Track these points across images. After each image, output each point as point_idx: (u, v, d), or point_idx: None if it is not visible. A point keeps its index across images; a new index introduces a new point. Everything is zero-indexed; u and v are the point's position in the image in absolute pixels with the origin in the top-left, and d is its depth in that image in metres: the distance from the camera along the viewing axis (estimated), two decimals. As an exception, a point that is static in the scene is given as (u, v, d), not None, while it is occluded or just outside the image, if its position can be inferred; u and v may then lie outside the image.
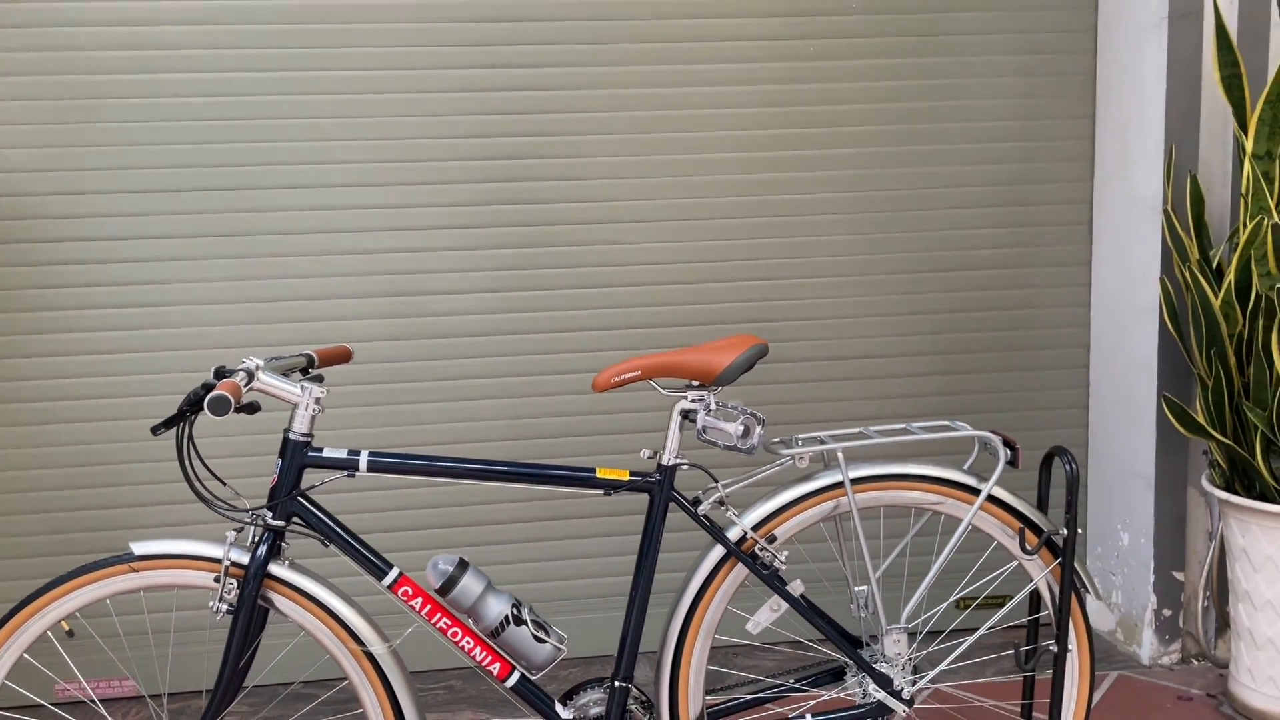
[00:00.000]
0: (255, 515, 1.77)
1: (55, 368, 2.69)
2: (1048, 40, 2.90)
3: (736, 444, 1.81)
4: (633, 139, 2.80)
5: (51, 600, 1.74)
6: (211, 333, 2.73)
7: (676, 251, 2.85)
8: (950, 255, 2.94)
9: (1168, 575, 2.78)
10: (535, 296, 2.82)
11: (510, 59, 2.74)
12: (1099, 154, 2.93)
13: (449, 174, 2.76)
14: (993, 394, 2.99)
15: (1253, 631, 2.49)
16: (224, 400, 1.54)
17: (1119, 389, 2.88)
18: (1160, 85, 2.66)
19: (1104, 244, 2.92)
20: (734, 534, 1.86)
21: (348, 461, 1.77)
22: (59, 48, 2.60)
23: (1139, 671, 2.78)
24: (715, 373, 1.80)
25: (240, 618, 1.76)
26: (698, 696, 1.89)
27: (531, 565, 2.89)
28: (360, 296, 2.76)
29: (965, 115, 2.91)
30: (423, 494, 2.82)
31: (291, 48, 2.67)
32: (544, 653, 1.83)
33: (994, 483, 1.88)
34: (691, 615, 1.87)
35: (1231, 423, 2.49)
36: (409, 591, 1.81)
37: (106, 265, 2.68)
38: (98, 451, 2.72)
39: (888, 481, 1.88)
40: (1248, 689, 2.52)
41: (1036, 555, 1.92)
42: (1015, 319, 2.99)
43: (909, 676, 1.89)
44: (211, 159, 2.68)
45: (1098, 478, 2.99)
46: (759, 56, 2.81)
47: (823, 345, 2.92)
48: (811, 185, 2.87)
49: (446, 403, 2.82)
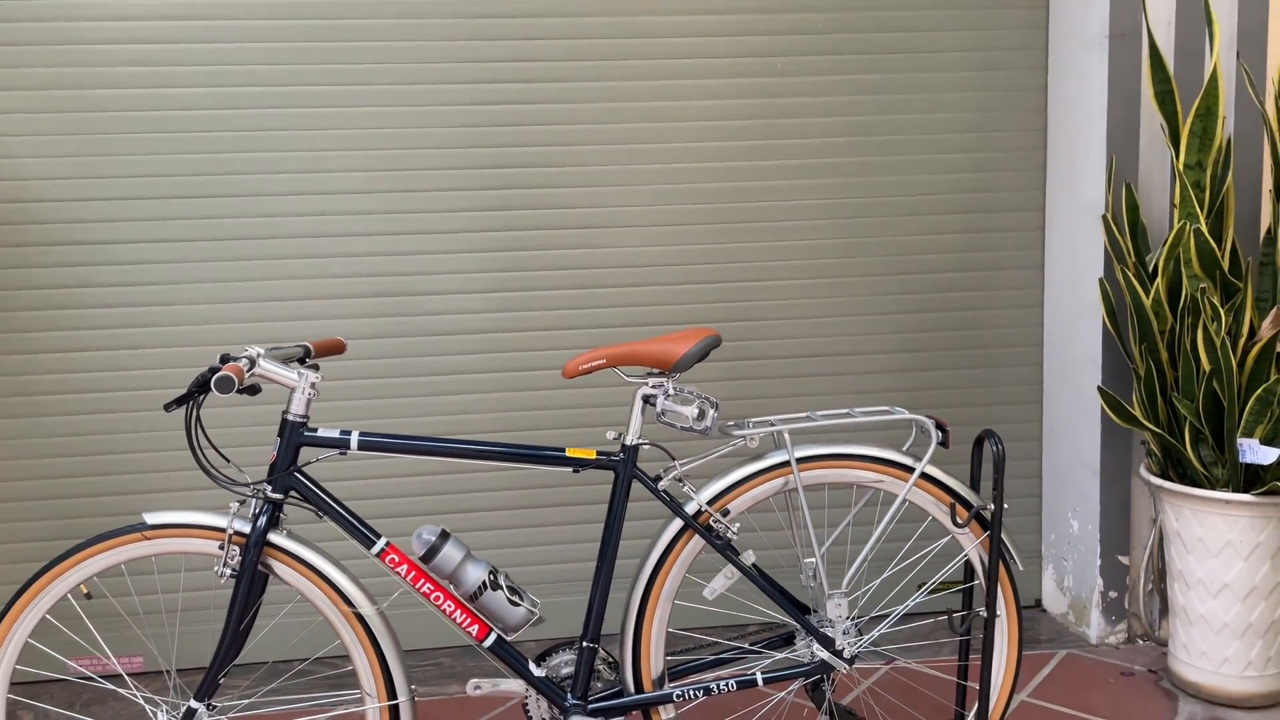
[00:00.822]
0: (256, 489, 1.94)
1: (71, 361, 2.87)
2: (1002, 58, 3.08)
3: (692, 425, 1.99)
4: (613, 148, 2.98)
5: (72, 565, 1.92)
6: (214, 328, 2.91)
7: (651, 254, 3.03)
8: (910, 259, 3.11)
9: (1113, 559, 2.95)
10: (518, 296, 3.00)
11: (497, 74, 2.92)
12: (1050, 164, 3.10)
13: (435, 181, 2.94)
14: (952, 389, 3.16)
15: (1187, 609, 2.66)
16: (229, 380, 1.73)
17: (1067, 383, 3.05)
18: (1103, 100, 2.83)
19: (1054, 248, 3.10)
20: (691, 508, 2.04)
21: (340, 440, 1.95)
22: (69, 63, 2.79)
23: (1087, 650, 2.94)
24: (672, 361, 1.98)
25: (242, 582, 1.93)
26: (659, 657, 2.07)
27: (512, 550, 3.07)
28: (353, 296, 2.94)
29: (925, 127, 3.08)
30: (408, 471, 3.01)
31: (286, 59, 2.85)
32: (518, 615, 2.00)
33: (926, 461, 2.06)
34: (653, 582, 2.05)
35: (1165, 414, 2.66)
36: (395, 559, 1.98)
37: (118, 266, 2.86)
38: (113, 437, 2.90)
39: (830, 460, 2.06)
40: (1184, 664, 2.68)
41: (967, 528, 2.09)
42: (973, 318, 3.16)
43: (851, 639, 2.07)
44: (213, 167, 2.86)
45: (1050, 468, 3.16)
46: (732, 73, 2.99)
47: (788, 343, 3.09)
48: (779, 194, 3.05)
49: (435, 395, 3.00)
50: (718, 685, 2.06)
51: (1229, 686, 2.60)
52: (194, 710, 1.95)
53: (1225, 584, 2.56)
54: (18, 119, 2.78)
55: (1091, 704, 2.62)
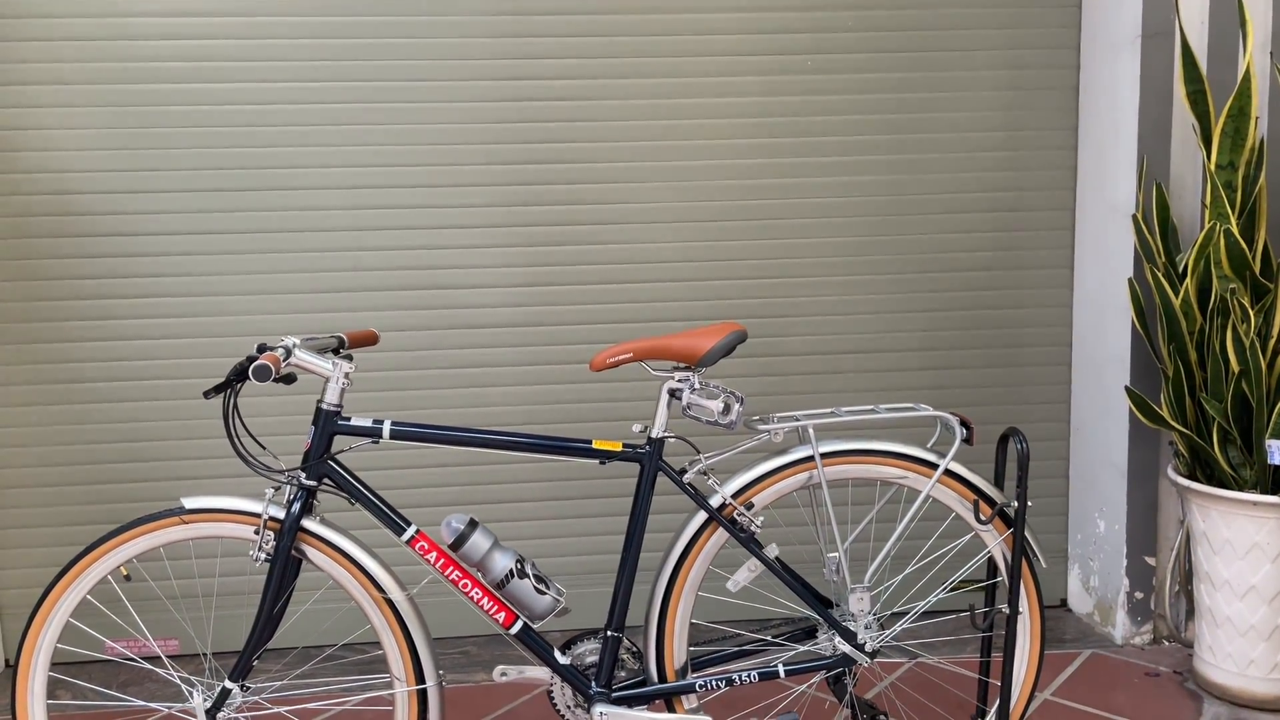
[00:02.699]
0: (291, 476, 1.98)
1: (112, 350, 2.94)
2: (1033, 56, 3.07)
3: (718, 419, 2.01)
4: (642, 144, 3.01)
5: (113, 547, 1.97)
6: (251, 318, 2.96)
7: (679, 249, 3.05)
8: (939, 257, 3.12)
9: (1140, 560, 2.94)
10: (547, 289, 3.03)
11: (531, 71, 2.96)
12: (1080, 164, 3.10)
13: (468, 177, 2.98)
14: (979, 388, 3.16)
15: (1213, 611, 2.65)
16: (266, 369, 1.77)
17: (1096, 383, 3.05)
18: (1134, 100, 2.83)
19: (1083, 247, 3.09)
20: (715, 501, 2.06)
21: (373, 429, 1.99)
22: (111, 57, 2.85)
23: (1112, 650, 2.94)
24: (699, 355, 2.00)
25: (276, 567, 1.97)
26: (682, 647, 2.09)
27: (535, 525, 3.12)
28: (387, 289, 2.99)
29: (955, 125, 3.08)
30: (438, 461, 3.05)
31: (326, 54, 2.90)
32: (544, 603, 2.04)
33: (951, 458, 2.07)
34: (676, 574, 2.07)
35: (1193, 415, 2.65)
36: (425, 546, 2.02)
37: (158, 258, 2.92)
38: (147, 423, 2.97)
39: (855, 456, 2.08)
40: (1209, 665, 2.68)
41: (990, 526, 2.10)
42: (1001, 317, 3.16)
43: (872, 632, 2.08)
44: (252, 160, 2.92)
45: (1077, 467, 3.15)
46: (762, 70, 3.01)
47: (813, 339, 3.11)
48: (807, 190, 3.06)
49: (465, 386, 3.04)
50: (740, 676, 2.08)
51: (1254, 689, 2.59)
52: (228, 690, 1.99)
53: (1252, 585, 2.56)
54: (60, 112, 2.85)
55: (1115, 704, 2.62)
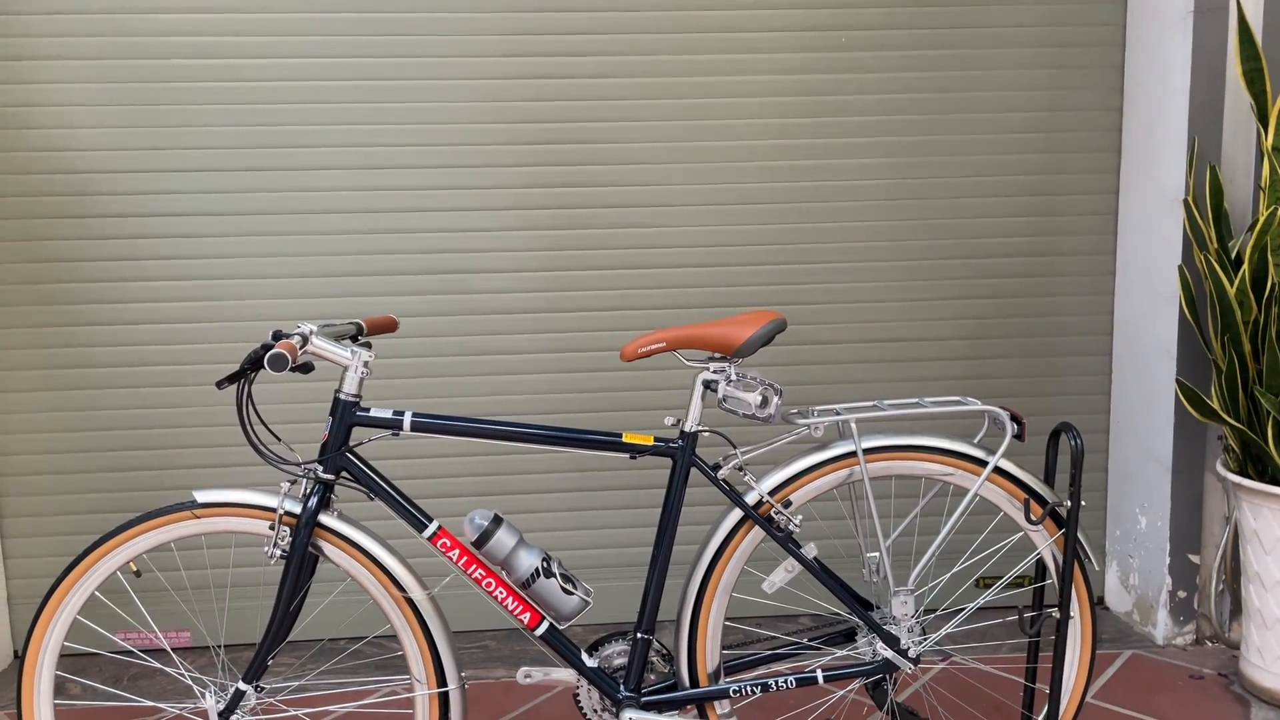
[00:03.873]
0: (307, 469, 1.90)
1: (124, 335, 2.86)
2: (1077, 34, 2.96)
3: (755, 413, 1.91)
4: (666, 125, 2.91)
5: (122, 542, 1.89)
6: (267, 303, 2.88)
7: (708, 234, 2.95)
8: (976, 243, 3.01)
9: (1183, 558, 2.84)
10: (573, 276, 2.94)
11: (550, 51, 2.86)
12: (1125, 146, 2.98)
13: (490, 158, 2.89)
14: (1017, 378, 3.07)
15: (1262, 612, 2.55)
16: (282, 358, 1.68)
17: (1139, 375, 2.94)
18: (1185, 79, 2.71)
19: (1128, 233, 2.98)
20: (751, 498, 1.97)
21: (393, 421, 1.90)
22: (127, 33, 2.76)
23: (1153, 651, 2.84)
24: (735, 345, 1.90)
25: (292, 563, 1.89)
26: (715, 650, 2.00)
27: (564, 533, 3.02)
28: (406, 273, 2.90)
29: (994, 106, 2.97)
30: (463, 455, 2.97)
31: (345, 32, 2.81)
32: (571, 603, 1.95)
33: (1000, 455, 1.97)
34: (710, 574, 1.98)
35: (1245, 408, 2.55)
36: (447, 544, 1.94)
37: (172, 240, 2.84)
38: (166, 414, 2.90)
39: (899, 452, 1.97)
40: (1257, 668, 2.58)
41: (1041, 526, 2.00)
42: (1040, 305, 3.05)
43: (916, 637, 1.99)
44: (269, 141, 2.83)
45: (1118, 461, 3.05)
46: (790, 46, 2.90)
47: (848, 328, 3.01)
48: (839, 172, 2.96)
49: (488, 375, 2.96)
50: (776, 682, 1.99)
51: (1307, 694, 2.50)
52: (242, 692, 1.91)
53: (1305, 587, 2.46)
54: (75, 89, 2.76)
55: (1159, 708, 2.53)
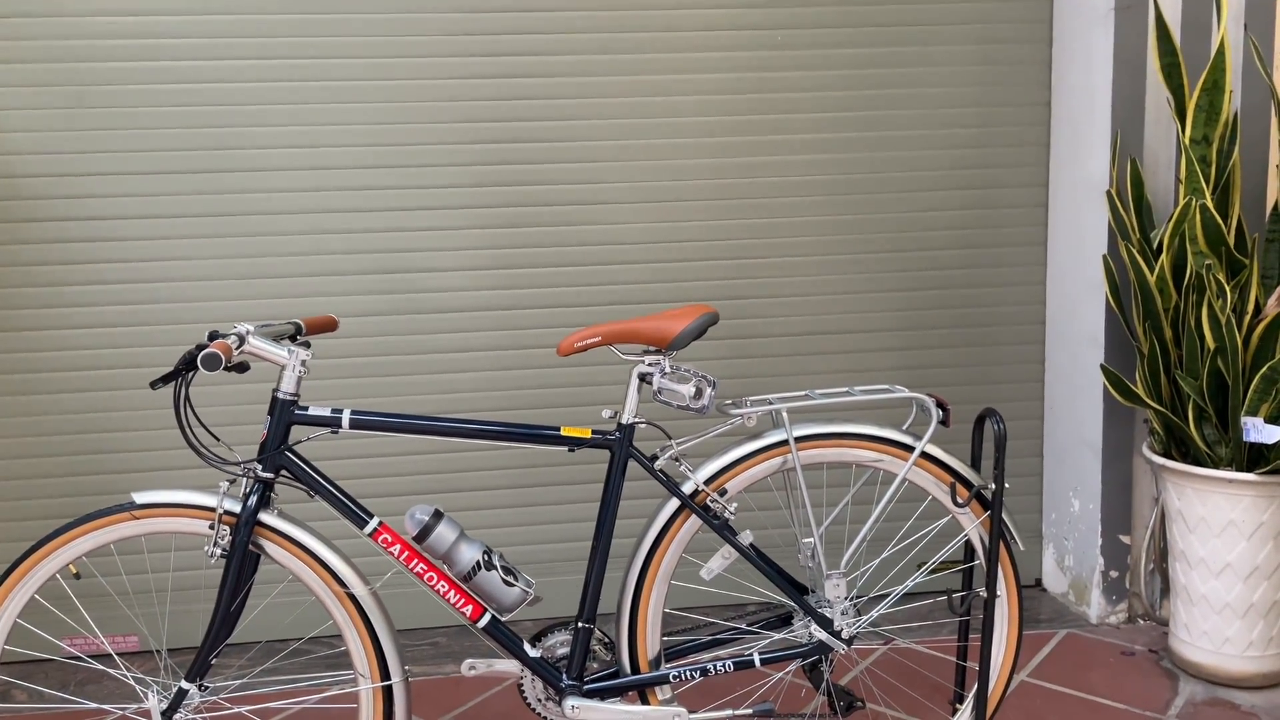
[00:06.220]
0: (246, 468, 1.91)
1: (59, 338, 2.83)
2: (1006, 30, 3.02)
3: (689, 404, 1.96)
4: (606, 124, 2.94)
5: (61, 544, 1.89)
6: (205, 304, 2.87)
7: (647, 230, 2.98)
8: (912, 236, 3.07)
9: (1114, 539, 2.93)
10: (514, 274, 2.96)
11: (494, 47, 2.87)
12: (1053, 139, 3.06)
13: (430, 157, 2.90)
14: (954, 368, 3.13)
15: (1188, 589, 2.63)
16: (215, 357, 1.69)
17: (1070, 361, 3.02)
18: (1108, 74, 2.78)
19: (1057, 225, 3.06)
20: (688, 488, 2.01)
21: (331, 419, 1.92)
22: (59, 35, 2.74)
23: (1087, 630, 2.92)
24: (669, 338, 1.94)
25: (233, 563, 1.90)
26: (655, 637, 2.04)
27: (506, 529, 3.05)
28: (346, 273, 2.90)
29: (927, 101, 3.03)
30: (401, 450, 2.98)
31: (282, 33, 2.81)
32: (512, 595, 1.98)
33: (927, 440, 2.03)
34: (649, 562, 2.02)
35: (1168, 392, 2.63)
36: (388, 539, 1.96)
37: (112, 243, 2.82)
38: (103, 416, 2.86)
39: (830, 440, 2.03)
40: (1185, 643, 2.67)
41: (968, 508, 2.07)
42: (975, 296, 3.12)
43: (849, 619, 2.04)
44: (204, 140, 2.82)
45: (1052, 447, 3.13)
46: (730, 45, 2.94)
47: (787, 321, 3.06)
48: (777, 168, 3.01)
49: (429, 373, 2.97)
50: (715, 666, 2.03)
51: (1230, 666, 2.58)
52: (185, 691, 1.92)
53: (1228, 563, 2.54)
54: (5, 92, 2.74)
55: (1092, 684, 2.60)
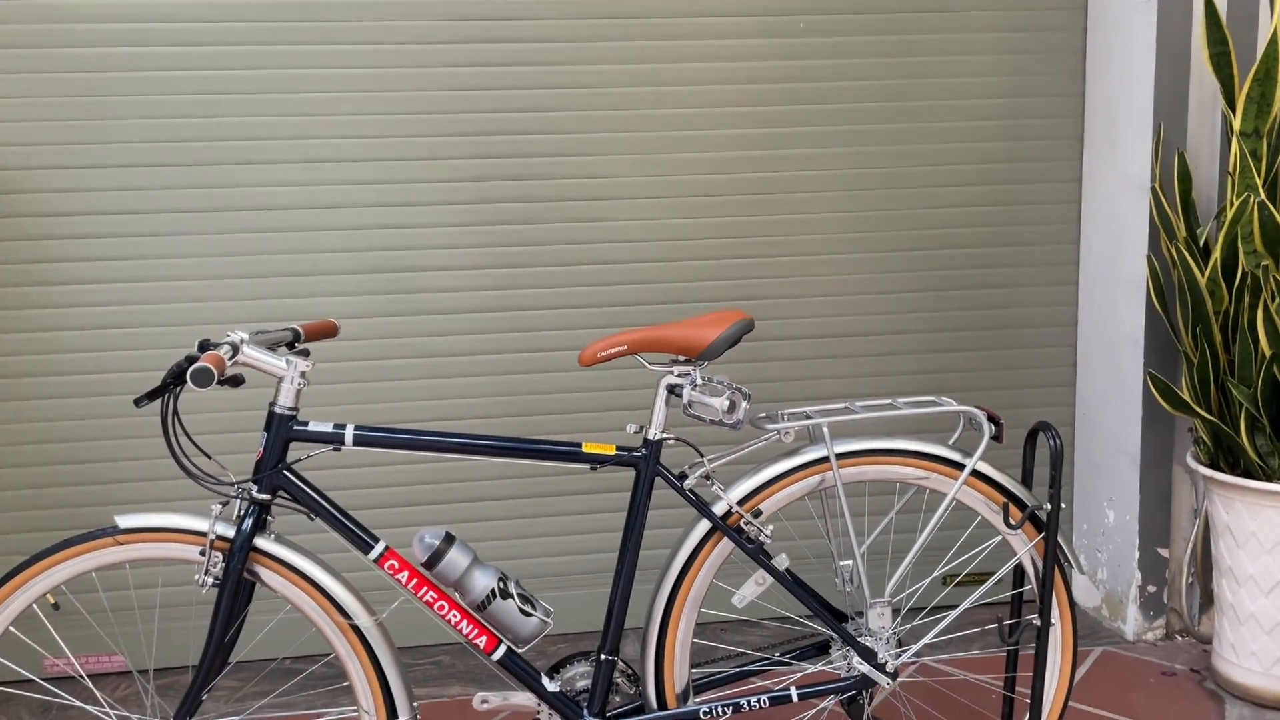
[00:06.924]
0: (240, 489, 1.76)
1: (42, 343, 2.68)
2: (1038, 18, 2.89)
3: (722, 419, 1.81)
4: (620, 116, 2.80)
5: (37, 573, 1.74)
6: (198, 308, 2.72)
7: (664, 230, 2.85)
8: (938, 234, 2.94)
9: (1152, 552, 2.80)
10: (523, 273, 2.82)
11: (498, 36, 2.73)
12: (1088, 132, 2.93)
13: (436, 151, 2.75)
14: (981, 372, 3.00)
15: (1236, 607, 2.51)
16: (206, 372, 1.54)
17: (1105, 366, 2.89)
18: (1149, 63, 2.65)
19: (1092, 222, 2.92)
20: (719, 508, 1.86)
21: (333, 435, 1.77)
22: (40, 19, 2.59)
23: (1123, 647, 2.80)
24: (701, 347, 1.80)
25: (226, 591, 1.75)
26: (683, 669, 1.90)
27: (518, 541, 2.90)
28: (347, 273, 2.76)
29: (954, 93, 2.90)
30: (409, 469, 2.83)
31: (277, 27, 2.66)
32: (530, 626, 1.83)
33: (978, 458, 1.89)
34: (677, 589, 1.88)
35: (1216, 400, 2.50)
36: (395, 565, 1.81)
37: (94, 241, 2.67)
38: (84, 427, 2.72)
39: (873, 456, 1.88)
40: (1231, 664, 2.54)
41: (1020, 530, 1.92)
42: (1003, 297, 2.99)
43: (893, 650, 1.90)
44: (195, 134, 2.67)
45: (1084, 455, 3.00)
46: (748, 33, 2.80)
47: (811, 323, 2.93)
48: (799, 164, 2.87)
49: (435, 379, 2.82)
50: (748, 702, 1.89)
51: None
52: (173, 732, 1.77)
53: (1279, 581, 2.41)
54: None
55: (1133, 706, 2.48)
